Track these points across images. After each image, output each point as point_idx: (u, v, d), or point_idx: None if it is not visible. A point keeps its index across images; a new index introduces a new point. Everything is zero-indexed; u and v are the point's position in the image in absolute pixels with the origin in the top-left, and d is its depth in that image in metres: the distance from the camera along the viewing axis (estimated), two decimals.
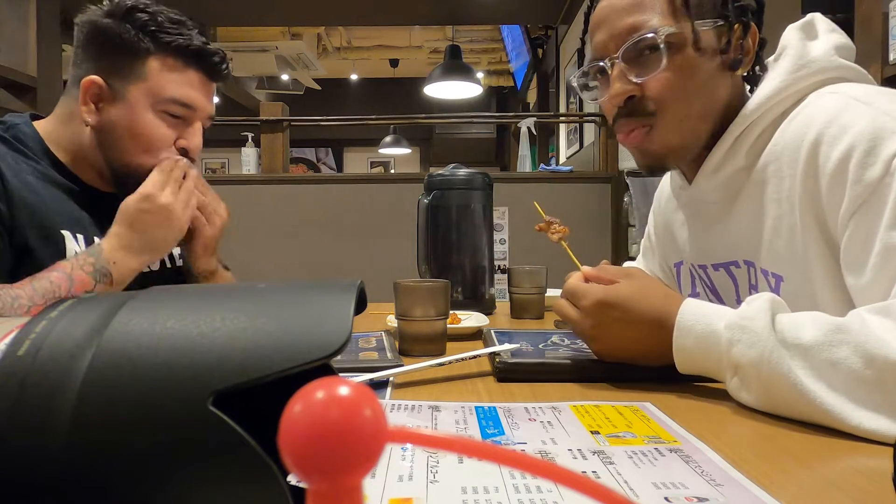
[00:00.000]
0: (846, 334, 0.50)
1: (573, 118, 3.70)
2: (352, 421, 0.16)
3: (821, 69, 0.70)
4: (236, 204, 3.05)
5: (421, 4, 4.24)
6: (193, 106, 0.95)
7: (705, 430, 0.48)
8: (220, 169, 8.39)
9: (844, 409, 0.47)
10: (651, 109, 0.72)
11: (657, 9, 0.71)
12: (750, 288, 0.78)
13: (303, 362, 0.24)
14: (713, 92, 0.73)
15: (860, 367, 0.48)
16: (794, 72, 0.70)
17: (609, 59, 0.74)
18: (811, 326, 0.51)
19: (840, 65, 0.71)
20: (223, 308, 0.26)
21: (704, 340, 0.57)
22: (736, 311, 0.56)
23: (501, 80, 7.56)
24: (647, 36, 0.70)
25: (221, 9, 4.31)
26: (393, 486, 0.37)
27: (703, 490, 0.36)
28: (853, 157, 0.60)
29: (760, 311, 0.53)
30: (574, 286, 0.67)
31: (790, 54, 0.72)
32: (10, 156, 0.89)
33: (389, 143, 6.46)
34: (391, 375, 0.64)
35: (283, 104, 3.04)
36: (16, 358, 0.24)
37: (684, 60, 0.70)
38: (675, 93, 0.71)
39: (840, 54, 0.72)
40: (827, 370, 0.49)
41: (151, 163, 0.93)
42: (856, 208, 0.59)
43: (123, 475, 0.23)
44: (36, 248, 0.87)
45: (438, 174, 1.20)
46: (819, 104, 0.67)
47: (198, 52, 0.95)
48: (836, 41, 0.73)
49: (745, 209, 0.75)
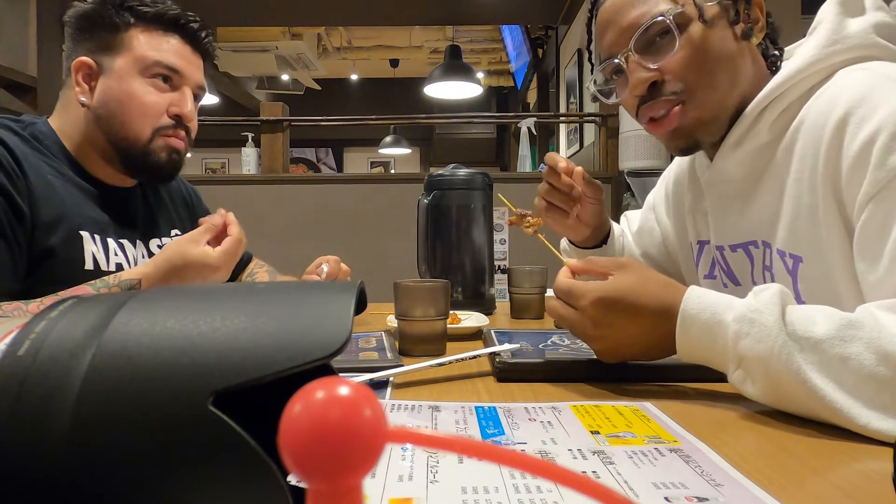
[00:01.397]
0: (859, 330, 0.49)
1: (573, 118, 3.69)
2: (352, 421, 0.16)
3: (854, 46, 0.68)
4: (236, 204, 3.06)
5: (421, 4, 4.23)
6: (177, 68, 0.97)
7: (705, 430, 0.48)
8: (220, 169, 8.39)
9: (853, 408, 0.47)
10: (677, 89, 0.72)
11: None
12: (764, 269, 0.76)
13: (303, 362, 0.24)
14: (734, 61, 0.72)
15: (872, 363, 0.47)
16: (827, 46, 0.69)
17: (622, 55, 0.74)
18: (823, 321, 0.50)
19: (876, 43, 0.68)
20: (223, 308, 0.26)
21: (710, 331, 0.55)
22: (744, 303, 0.54)
23: (501, 80, 7.55)
24: (657, 20, 0.71)
25: (221, 9, 4.31)
26: (393, 486, 0.37)
27: (703, 490, 0.36)
28: (878, 139, 0.58)
29: (770, 304, 0.52)
30: (567, 285, 0.63)
31: (825, 28, 0.70)
32: (31, 155, 0.90)
33: (389, 143, 6.45)
34: (391, 375, 0.64)
35: (283, 104, 3.04)
36: (16, 358, 0.24)
37: (696, 37, 0.71)
38: (697, 68, 0.71)
39: (879, 33, 0.69)
40: (837, 366, 0.48)
41: (148, 131, 0.95)
42: (875, 193, 0.58)
43: (123, 475, 0.23)
44: (57, 249, 0.88)
45: (438, 174, 1.20)
46: (848, 80, 0.65)
47: (176, 19, 0.98)
48: (878, 19, 0.70)
49: (767, 188, 0.74)
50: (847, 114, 0.62)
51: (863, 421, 0.46)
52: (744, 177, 0.77)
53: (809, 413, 0.50)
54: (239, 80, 6.63)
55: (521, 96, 6.58)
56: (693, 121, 0.73)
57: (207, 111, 5.47)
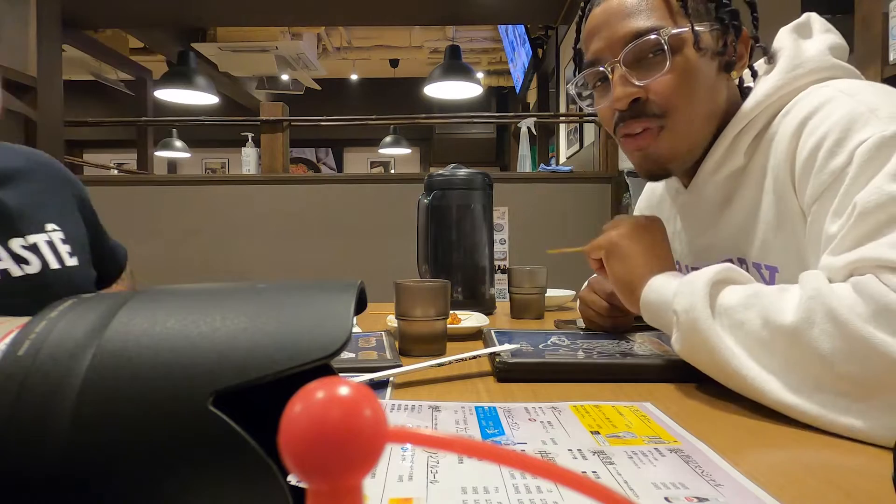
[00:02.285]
0: (760, 298, 0.55)
1: (573, 118, 3.70)
2: (352, 421, 0.16)
3: (815, 69, 0.71)
4: (236, 204, 3.07)
5: (421, 4, 4.23)
6: None
7: (705, 430, 0.48)
8: (220, 169, 8.39)
9: (744, 364, 0.54)
10: (657, 112, 0.71)
11: (655, 13, 0.71)
12: None
13: (303, 362, 0.24)
14: (716, 93, 0.73)
15: (758, 327, 0.54)
16: (790, 71, 0.71)
17: (609, 64, 0.73)
18: (740, 291, 0.57)
19: (834, 64, 0.71)
20: (223, 308, 0.26)
21: (661, 295, 0.66)
22: (694, 273, 0.61)
23: (501, 80, 7.56)
24: (651, 37, 0.69)
25: (221, 9, 4.31)
26: (393, 486, 0.37)
27: (703, 490, 0.36)
28: (823, 145, 0.61)
29: (709, 270, 0.59)
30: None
31: (785, 55, 0.73)
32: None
33: (389, 143, 6.45)
34: (391, 375, 0.64)
35: (283, 104, 3.04)
36: (16, 358, 0.24)
37: (687, 62, 0.70)
38: (682, 95, 0.71)
39: (834, 54, 0.72)
40: (736, 330, 0.55)
41: None
42: (817, 196, 0.61)
43: (123, 475, 0.23)
44: None
45: (438, 174, 1.20)
46: (809, 98, 0.68)
47: None
48: (830, 41, 0.73)
49: (740, 206, 0.76)
50: (801, 123, 0.65)
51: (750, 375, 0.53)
52: (717, 200, 0.79)
53: (716, 367, 0.56)
54: (239, 80, 6.63)
55: (521, 96, 6.58)
56: (667, 150, 0.73)
57: (207, 111, 5.47)
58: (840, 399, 0.48)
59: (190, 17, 4.64)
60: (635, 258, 0.73)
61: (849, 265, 0.53)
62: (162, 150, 6.14)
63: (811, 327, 0.50)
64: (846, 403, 0.48)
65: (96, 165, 5.50)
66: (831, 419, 0.48)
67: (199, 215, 2.84)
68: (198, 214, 2.84)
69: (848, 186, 0.57)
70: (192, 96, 4.05)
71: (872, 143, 0.56)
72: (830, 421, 0.48)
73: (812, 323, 0.50)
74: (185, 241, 2.83)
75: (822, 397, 0.49)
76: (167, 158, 7.40)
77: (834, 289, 0.51)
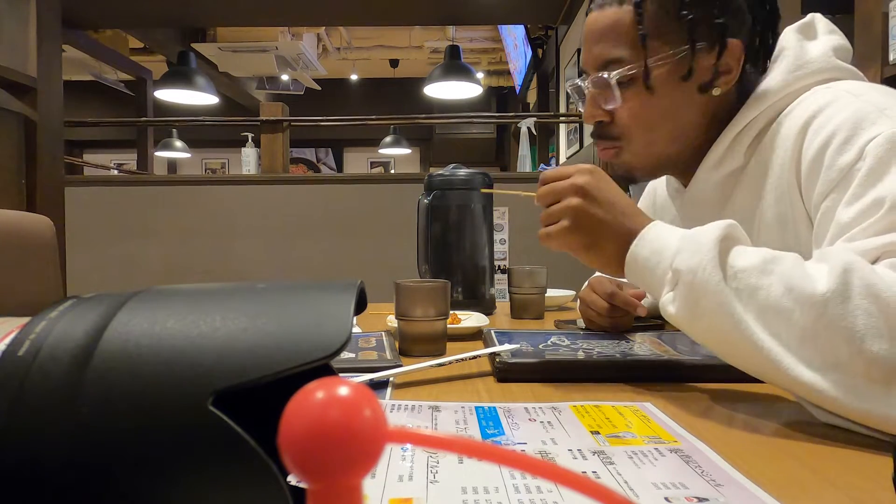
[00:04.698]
0: (779, 265, 0.50)
1: (573, 118, 3.69)
2: (352, 421, 0.16)
3: (818, 69, 0.71)
4: (236, 204, 3.07)
5: (421, 4, 4.23)
6: None
7: (705, 430, 0.48)
8: (220, 169, 8.39)
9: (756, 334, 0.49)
10: (615, 134, 0.77)
11: (623, 39, 0.73)
12: None
13: (303, 362, 0.24)
14: (680, 117, 0.74)
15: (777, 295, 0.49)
16: (793, 71, 0.71)
17: (584, 82, 0.78)
18: (753, 254, 0.52)
19: (837, 66, 0.72)
20: (223, 308, 0.26)
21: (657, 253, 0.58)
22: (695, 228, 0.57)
23: (501, 80, 7.56)
24: (602, 76, 0.74)
25: (221, 9, 4.31)
26: (393, 486, 0.37)
27: (703, 490, 0.36)
28: (832, 144, 0.61)
29: (714, 227, 0.54)
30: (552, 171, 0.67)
31: (789, 55, 0.73)
32: None
33: (389, 143, 6.45)
34: (391, 376, 0.64)
35: (283, 104, 3.05)
36: (16, 358, 0.24)
37: (641, 95, 0.73)
38: (638, 123, 0.75)
39: (837, 55, 0.73)
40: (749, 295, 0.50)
41: None
42: (827, 192, 0.60)
43: (123, 475, 0.23)
44: None
45: (438, 174, 1.20)
46: (812, 98, 0.68)
47: None
48: (834, 42, 0.74)
49: (739, 206, 0.76)
50: (806, 123, 0.65)
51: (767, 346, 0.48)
52: (717, 198, 0.79)
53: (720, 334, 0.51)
54: (239, 80, 6.63)
55: (521, 96, 6.58)
56: (627, 167, 0.78)
57: (207, 111, 5.47)
58: (860, 381, 0.45)
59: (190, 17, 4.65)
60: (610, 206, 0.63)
61: (878, 248, 0.51)
62: (162, 151, 6.14)
63: (846, 301, 0.46)
64: (868, 386, 0.45)
65: (96, 165, 5.50)
66: (849, 402, 0.45)
67: (198, 215, 2.84)
68: (197, 214, 2.84)
69: (862, 179, 0.56)
70: (192, 96, 4.05)
71: (884, 138, 0.56)
72: (848, 403, 0.45)
73: (847, 297, 0.46)
74: (184, 241, 2.83)
75: (840, 377, 0.46)
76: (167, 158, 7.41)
77: (874, 266, 0.49)
